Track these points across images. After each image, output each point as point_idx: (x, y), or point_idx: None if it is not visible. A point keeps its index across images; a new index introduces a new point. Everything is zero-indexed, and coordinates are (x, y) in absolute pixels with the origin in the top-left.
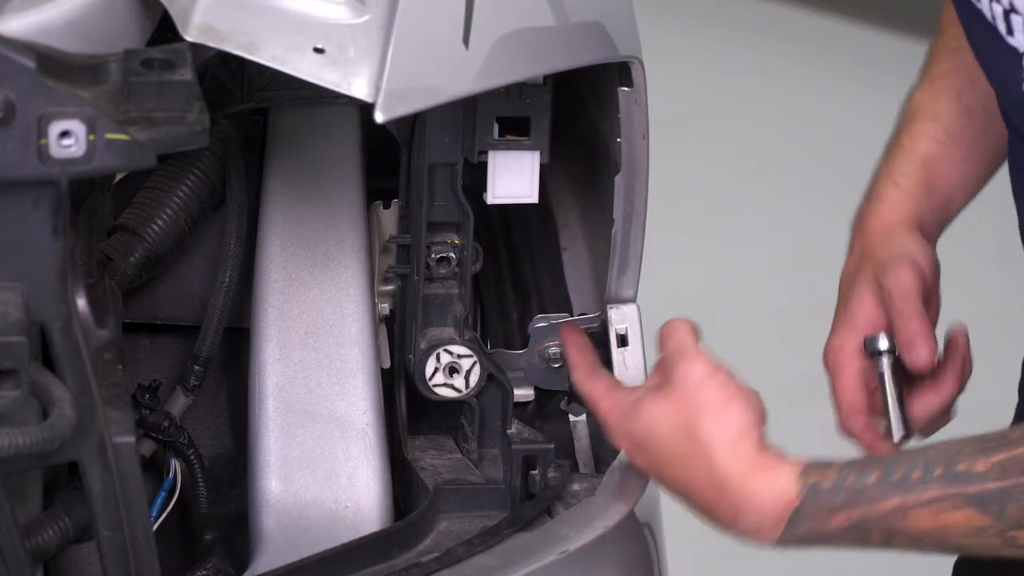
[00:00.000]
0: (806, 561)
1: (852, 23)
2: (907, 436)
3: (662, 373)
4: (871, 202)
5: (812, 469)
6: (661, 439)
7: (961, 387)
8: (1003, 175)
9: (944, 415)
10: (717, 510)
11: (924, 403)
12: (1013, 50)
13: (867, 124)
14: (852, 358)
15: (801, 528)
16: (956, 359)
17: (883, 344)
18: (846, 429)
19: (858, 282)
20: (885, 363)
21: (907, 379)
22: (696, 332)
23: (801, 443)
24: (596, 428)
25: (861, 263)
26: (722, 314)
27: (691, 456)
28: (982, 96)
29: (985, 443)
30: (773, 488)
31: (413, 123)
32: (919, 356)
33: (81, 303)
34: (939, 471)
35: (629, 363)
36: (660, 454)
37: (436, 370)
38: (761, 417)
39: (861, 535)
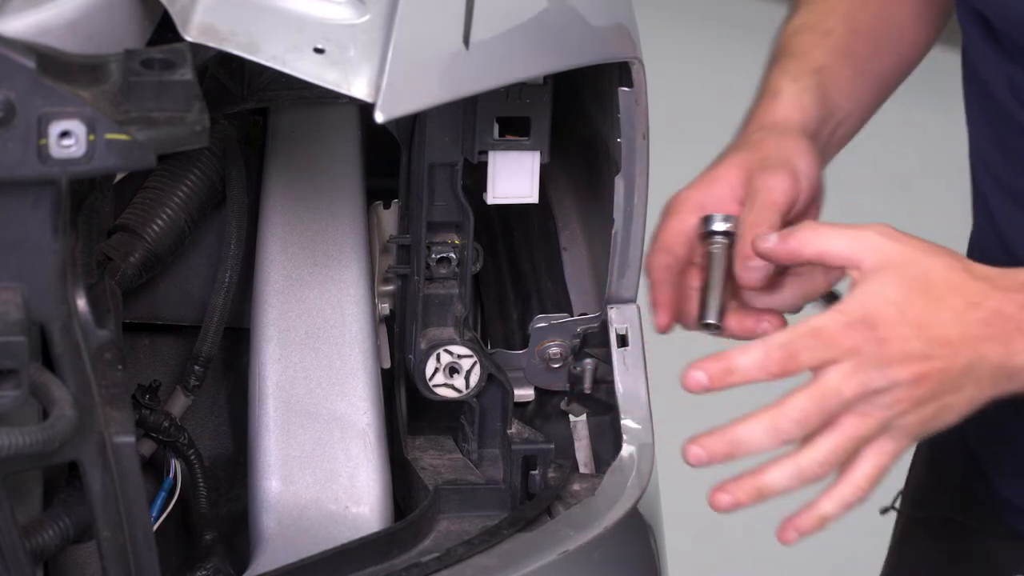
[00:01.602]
0: (807, 561)
1: None
2: (713, 326)
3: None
4: (764, 96)
5: None
6: (926, 302)
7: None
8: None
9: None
10: (999, 320)
11: (739, 317)
12: None
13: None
14: (691, 210)
15: None
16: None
17: (721, 226)
18: (649, 262)
19: (732, 158)
20: (719, 244)
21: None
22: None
23: None
24: (596, 428)
25: (742, 146)
26: None
27: (961, 287)
28: (869, 19)
29: None
30: None
31: (413, 123)
32: (750, 276)
33: (81, 303)
34: None
35: (629, 363)
36: (928, 316)
37: (436, 370)
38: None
39: None
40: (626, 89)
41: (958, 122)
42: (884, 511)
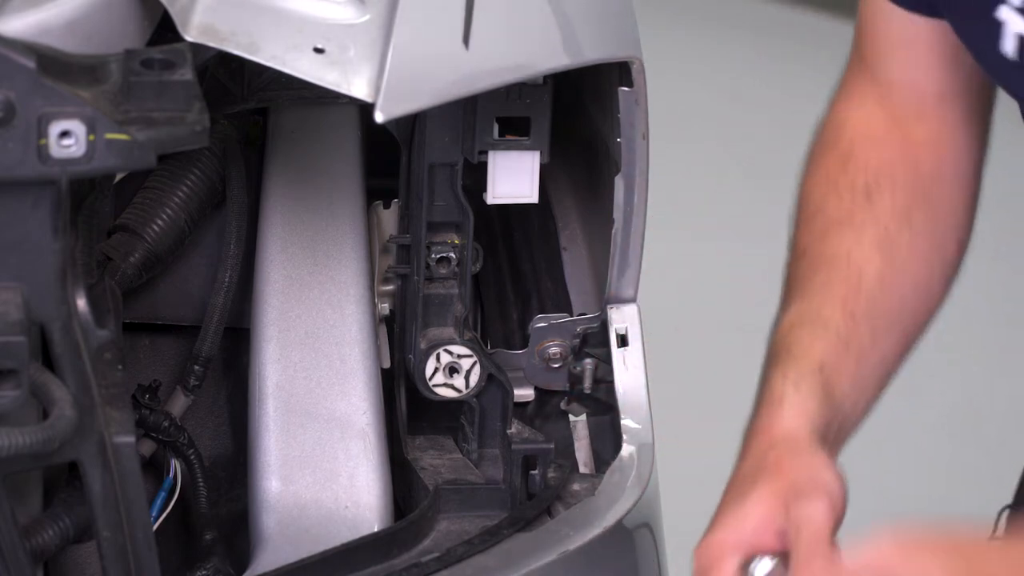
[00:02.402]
0: None
1: (852, 23)
2: None
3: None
4: (767, 404)
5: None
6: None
7: None
8: (997, 180)
9: None
10: None
11: None
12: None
13: None
14: (728, 558)
15: None
16: None
17: (762, 571)
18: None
19: (758, 489)
20: None
21: None
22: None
23: None
24: (596, 428)
25: (761, 471)
26: (722, 314)
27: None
28: (866, 304)
29: None
30: None
31: (413, 123)
32: None
33: (81, 303)
34: None
35: (629, 363)
36: None
37: (436, 370)
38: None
39: None
40: (626, 89)
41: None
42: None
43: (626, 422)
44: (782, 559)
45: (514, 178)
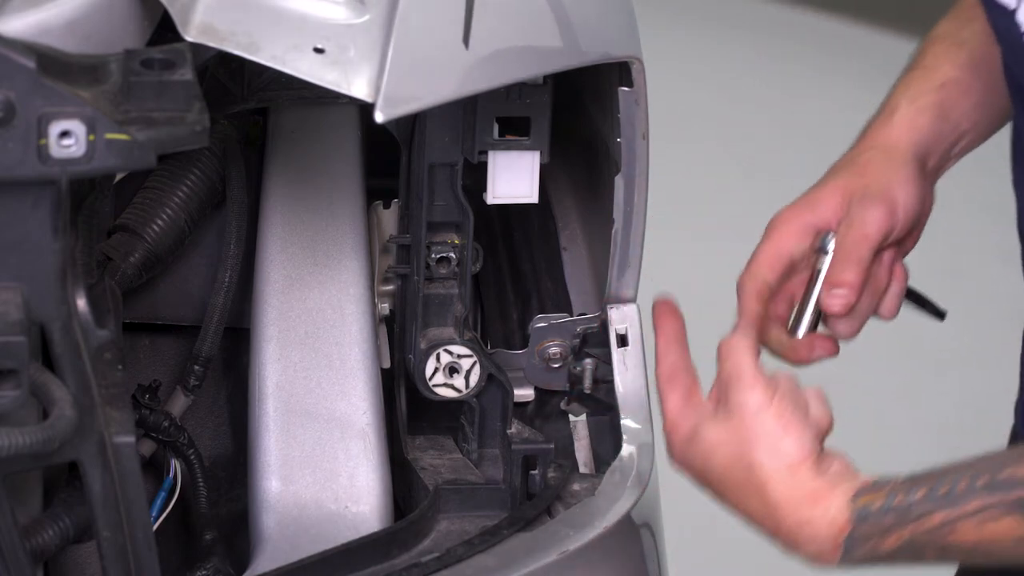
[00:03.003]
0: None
1: (852, 23)
2: (798, 336)
3: (721, 395)
4: (881, 114)
5: (863, 493)
6: (717, 468)
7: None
8: (1004, 169)
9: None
10: (777, 537)
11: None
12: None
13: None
14: (792, 233)
15: (857, 552)
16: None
17: (832, 244)
18: (741, 282)
19: (836, 180)
20: (826, 262)
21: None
22: (755, 351)
23: None
24: (596, 428)
25: (849, 165)
26: (722, 314)
27: (747, 485)
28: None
29: None
30: (826, 516)
31: (413, 123)
32: (833, 303)
33: (81, 303)
34: (983, 480)
35: (629, 363)
36: (718, 482)
37: (436, 370)
38: (820, 432)
39: (915, 553)
40: (626, 89)
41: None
42: None
43: (626, 422)
44: None
45: (514, 178)
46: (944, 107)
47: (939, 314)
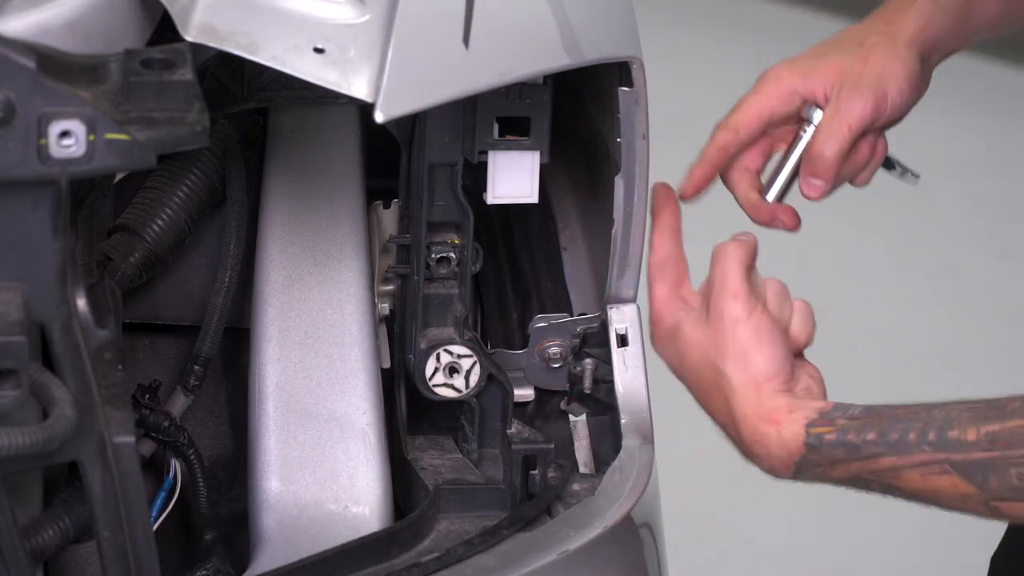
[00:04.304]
0: (807, 561)
1: (852, 23)
2: (767, 199)
3: (706, 296)
4: (902, 1)
5: (819, 421)
6: (691, 366)
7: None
8: (1003, 169)
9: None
10: (736, 443)
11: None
12: None
13: None
14: (779, 95)
15: (808, 474)
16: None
17: (817, 119)
18: (716, 128)
19: (836, 56)
20: (808, 132)
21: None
22: (748, 257)
23: None
24: (596, 428)
25: (854, 40)
26: None
27: (714, 390)
28: None
29: (982, 411)
30: (780, 437)
31: (413, 123)
32: (811, 192)
33: (81, 303)
34: (932, 435)
35: (629, 363)
36: (691, 377)
37: (436, 370)
38: (797, 347)
39: (862, 485)
40: (626, 89)
41: (966, 124)
42: None
43: (626, 422)
44: None
45: (514, 178)
46: (966, 10)
47: (914, 176)
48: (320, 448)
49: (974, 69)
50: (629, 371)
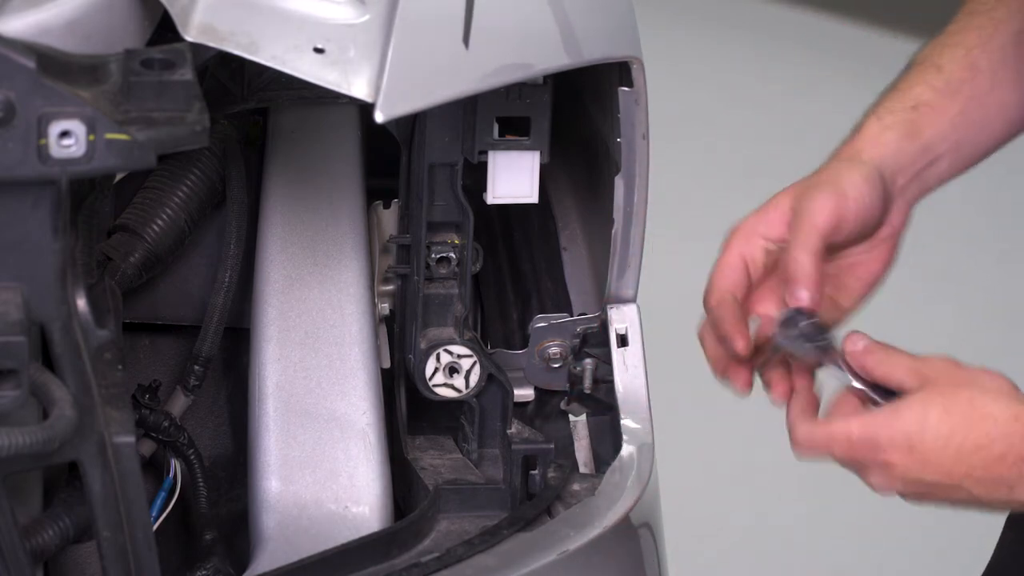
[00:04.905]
0: (807, 561)
1: (852, 23)
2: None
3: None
4: (850, 134)
5: None
6: (937, 436)
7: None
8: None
9: None
10: (1003, 464)
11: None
12: None
13: None
14: (742, 239)
15: None
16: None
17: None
18: (708, 305)
19: (789, 188)
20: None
21: None
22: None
23: None
24: (596, 428)
25: (810, 176)
26: None
27: (977, 430)
28: (992, 58)
29: None
30: None
31: (413, 123)
32: (797, 296)
33: (81, 303)
34: None
35: (629, 363)
36: (936, 439)
37: (436, 370)
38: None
39: None
40: (626, 89)
41: None
42: None
43: (626, 422)
44: (818, 320)
45: (514, 178)
46: (915, 126)
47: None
48: (320, 448)
49: None
50: (629, 371)
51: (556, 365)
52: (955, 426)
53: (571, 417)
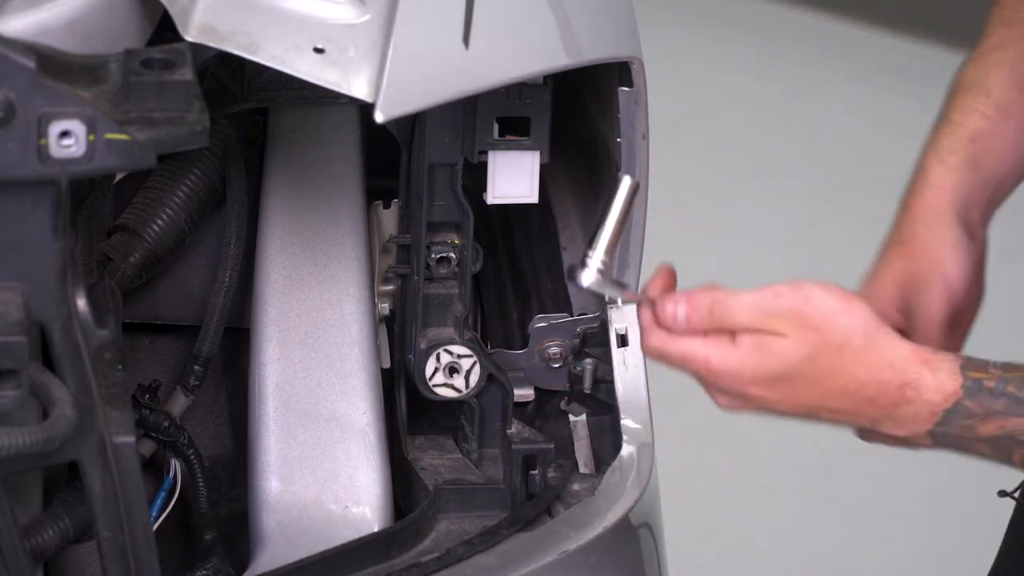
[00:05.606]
0: (807, 560)
1: (852, 24)
2: None
3: (728, 328)
4: (916, 179)
5: (972, 365)
6: (806, 366)
7: None
8: None
9: None
10: (873, 406)
11: None
12: None
13: (866, 124)
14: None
15: (952, 426)
16: None
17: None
18: None
19: (887, 269)
20: (620, 190)
21: None
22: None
23: (804, 440)
24: (596, 428)
25: (897, 245)
26: None
27: (844, 364)
28: None
29: None
30: (936, 376)
31: (413, 123)
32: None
33: (81, 303)
34: None
35: (629, 363)
36: (808, 377)
37: (436, 370)
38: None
39: (1005, 449)
40: (626, 89)
41: None
42: (1002, 494)
43: (626, 422)
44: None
45: (514, 178)
46: (976, 159)
47: None
48: (320, 448)
49: None
50: (629, 371)
51: (556, 365)
52: (823, 371)
53: (571, 417)
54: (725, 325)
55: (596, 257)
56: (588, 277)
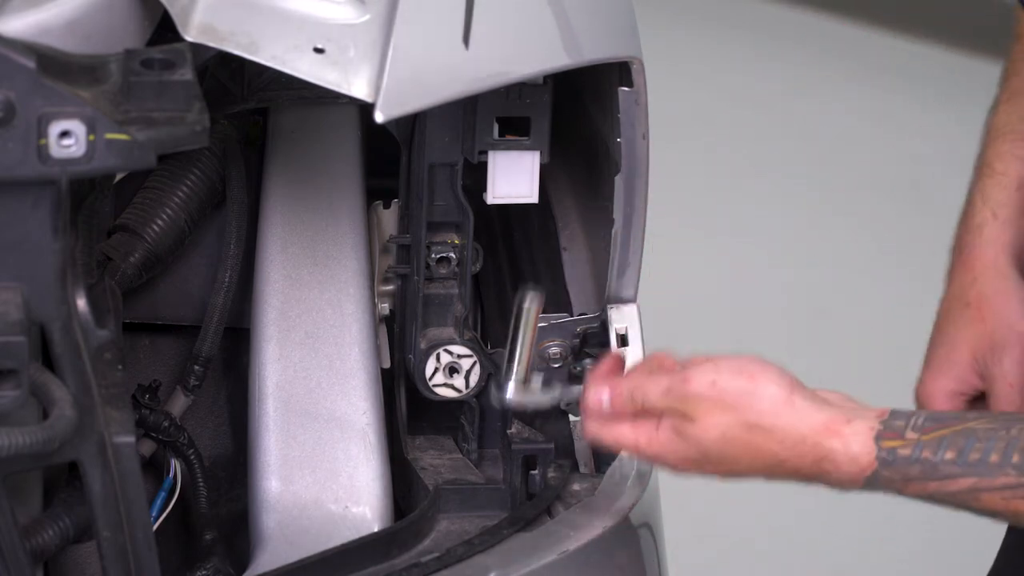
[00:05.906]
0: (807, 561)
1: (852, 24)
2: None
3: (664, 398)
4: (970, 231)
5: (887, 433)
6: (720, 447)
7: None
8: None
9: None
10: (798, 473)
11: None
12: None
13: (866, 124)
14: (944, 400)
15: (879, 487)
16: None
17: (528, 300)
18: None
19: (960, 330)
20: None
21: None
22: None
23: None
24: None
25: (964, 308)
26: (722, 314)
27: (756, 442)
28: None
29: None
30: (849, 452)
31: (413, 123)
32: None
33: (81, 303)
34: (1017, 458)
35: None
36: (726, 457)
37: (436, 370)
38: (788, 374)
39: (936, 502)
40: (626, 89)
41: (966, 123)
42: None
43: None
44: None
45: (514, 178)
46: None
47: None
48: (320, 448)
49: (974, 69)
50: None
51: (556, 365)
52: (740, 450)
53: (571, 417)
54: (648, 408)
55: (515, 373)
56: (510, 392)
